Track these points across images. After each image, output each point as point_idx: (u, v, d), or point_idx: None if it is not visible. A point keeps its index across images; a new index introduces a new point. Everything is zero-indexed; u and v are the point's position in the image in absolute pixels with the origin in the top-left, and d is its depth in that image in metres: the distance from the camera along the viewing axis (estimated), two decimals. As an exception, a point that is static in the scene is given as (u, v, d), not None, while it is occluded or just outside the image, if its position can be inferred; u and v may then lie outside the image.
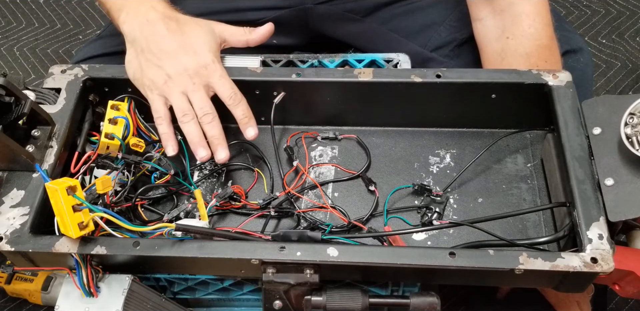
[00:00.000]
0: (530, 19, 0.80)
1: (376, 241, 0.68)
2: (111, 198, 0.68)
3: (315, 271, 0.61)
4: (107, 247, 0.61)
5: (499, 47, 0.82)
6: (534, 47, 0.80)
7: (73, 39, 1.55)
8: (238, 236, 0.63)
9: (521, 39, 0.80)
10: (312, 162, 0.79)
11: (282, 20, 0.98)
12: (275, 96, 0.74)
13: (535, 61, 0.80)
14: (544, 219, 0.73)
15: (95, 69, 0.74)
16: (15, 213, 0.63)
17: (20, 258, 0.63)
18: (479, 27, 0.86)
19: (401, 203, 0.75)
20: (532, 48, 0.80)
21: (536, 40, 0.80)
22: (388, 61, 0.88)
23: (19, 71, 1.49)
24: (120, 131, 0.70)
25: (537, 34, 0.80)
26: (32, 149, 0.67)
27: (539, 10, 0.80)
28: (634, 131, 0.60)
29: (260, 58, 0.86)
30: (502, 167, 0.77)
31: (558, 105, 0.69)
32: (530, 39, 0.80)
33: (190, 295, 0.74)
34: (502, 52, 0.82)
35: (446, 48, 0.95)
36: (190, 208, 0.72)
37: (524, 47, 0.80)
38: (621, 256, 0.61)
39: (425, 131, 0.80)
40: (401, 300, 0.63)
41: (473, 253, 0.59)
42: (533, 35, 0.80)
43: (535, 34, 0.80)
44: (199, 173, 0.78)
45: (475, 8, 0.85)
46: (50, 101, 0.72)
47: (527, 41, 0.80)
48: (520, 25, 0.81)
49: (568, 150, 0.66)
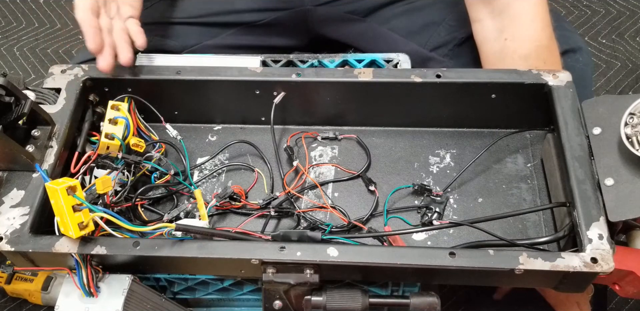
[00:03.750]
0: (528, 20, 0.80)
1: (376, 241, 0.68)
2: (111, 198, 0.68)
3: (315, 271, 0.61)
4: (107, 247, 0.61)
5: (497, 48, 0.82)
6: (533, 49, 0.80)
7: (73, 39, 1.55)
8: (238, 236, 0.63)
9: (520, 40, 0.80)
10: (312, 162, 0.79)
11: (281, 22, 0.99)
12: (275, 96, 0.74)
13: (534, 62, 0.79)
14: (544, 219, 0.73)
15: (95, 69, 0.74)
16: (15, 213, 0.63)
17: (20, 258, 0.63)
18: (477, 28, 0.86)
19: (401, 203, 0.75)
20: (530, 49, 0.80)
21: (535, 42, 0.80)
22: (388, 61, 0.88)
23: (19, 71, 1.49)
24: (120, 131, 0.70)
25: (536, 36, 0.80)
26: (32, 149, 0.67)
27: (537, 11, 0.80)
28: (634, 131, 0.60)
29: (260, 58, 0.86)
30: (502, 167, 0.77)
31: (558, 105, 0.69)
32: (529, 41, 0.80)
33: (190, 295, 0.74)
34: (500, 53, 0.82)
35: (445, 47, 0.95)
36: (190, 208, 0.72)
37: (523, 48, 0.80)
38: (621, 256, 0.61)
39: (425, 131, 0.80)
40: (401, 300, 0.63)
41: (473, 253, 0.59)
42: (532, 37, 0.80)
43: (534, 35, 0.80)
44: (199, 173, 0.78)
45: (473, 9, 0.85)
46: (50, 101, 0.72)
47: (526, 43, 0.80)
48: (519, 27, 0.80)
49: (568, 150, 0.66)
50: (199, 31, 0.99)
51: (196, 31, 0.99)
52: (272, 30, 1.00)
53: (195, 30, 0.99)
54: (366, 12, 0.98)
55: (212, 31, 0.99)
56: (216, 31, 0.99)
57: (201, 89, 0.75)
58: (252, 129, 0.81)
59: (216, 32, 0.99)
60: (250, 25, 0.99)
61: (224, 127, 0.82)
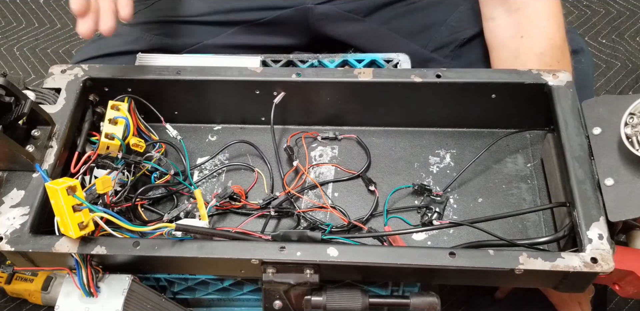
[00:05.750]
0: (545, 19, 0.80)
1: (376, 241, 0.68)
2: (111, 198, 0.68)
3: (315, 271, 0.61)
4: (107, 247, 0.61)
5: (512, 46, 0.82)
6: (548, 47, 0.80)
7: (73, 39, 1.55)
8: (238, 236, 0.63)
9: (536, 38, 0.80)
10: (312, 162, 0.79)
11: (282, 20, 0.99)
12: (275, 96, 0.74)
13: (549, 60, 0.79)
14: (544, 219, 0.73)
15: (95, 69, 0.74)
16: (15, 213, 0.63)
17: (20, 258, 0.63)
18: (491, 26, 0.85)
19: (401, 203, 0.75)
20: (546, 47, 0.80)
21: (550, 40, 0.80)
22: (388, 61, 0.88)
23: (19, 71, 1.48)
24: (120, 131, 0.70)
25: (552, 34, 0.80)
26: (32, 149, 0.67)
27: (553, 10, 0.80)
28: (634, 131, 0.60)
29: (260, 58, 0.86)
30: (502, 167, 0.77)
31: (558, 105, 0.69)
32: (544, 39, 0.80)
33: (190, 295, 0.74)
34: (515, 51, 0.82)
35: (447, 48, 0.95)
36: (190, 208, 0.72)
37: (539, 46, 0.80)
38: (621, 256, 0.61)
39: (425, 131, 0.80)
40: (401, 300, 0.63)
41: (473, 253, 0.59)
42: (547, 35, 0.80)
43: (550, 33, 0.80)
44: (199, 173, 0.78)
45: (488, 7, 0.85)
46: (50, 101, 0.72)
47: (542, 40, 0.80)
48: (536, 25, 0.80)
49: (568, 150, 0.66)
50: (199, 30, 0.99)
51: (196, 30, 0.99)
52: (272, 29, 1.00)
53: (195, 29, 0.99)
54: (367, 11, 0.98)
55: (213, 30, 0.99)
56: (216, 30, 0.99)
57: (201, 89, 0.75)
58: (252, 129, 0.81)
59: (216, 31, 0.99)
60: (250, 23, 0.99)
61: (224, 127, 0.82)
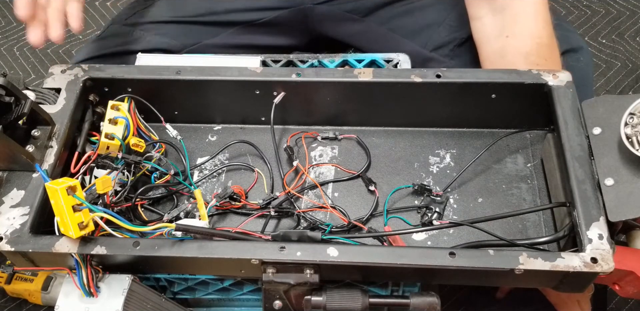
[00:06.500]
0: (530, 18, 0.80)
1: (376, 241, 0.68)
2: (111, 198, 0.68)
3: (315, 271, 0.61)
4: (107, 247, 0.61)
5: (498, 45, 0.82)
6: (534, 46, 0.80)
7: (73, 39, 1.55)
8: (238, 236, 0.63)
9: (521, 37, 0.80)
10: (312, 162, 0.79)
11: (281, 21, 0.99)
12: (275, 96, 0.74)
13: (535, 60, 0.79)
14: (544, 219, 0.73)
15: (95, 69, 0.74)
16: (15, 213, 0.63)
17: (20, 258, 0.63)
18: (477, 26, 0.85)
19: (401, 203, 0.75)
20: (532, 47, 0.80)
21: (536, 39, 0.80)
22: (388, 61, 0.88)
23: (19, 71, 1.48)
24: (120, 131, 0.70)
25: (538, 33, 0.80)
26: (32, 149, 0.67)
27: (538, 9, 0.80)
28: (634, 131, 0.60)
29: (260, 58, 0.86)
30: (502, 167, 0.77)
31: (558, 105, 0.69)
32: (530, 38, 0.80)
33: (190, 295, 0.74)
34: (501, 51, 0.82)
35: (446, 48, 0.95)
36: (190, 208, 0.72)
37: (524, 45, 0.80)
38: (621, 256, 0.61)
39: (425, 131, 0.80)
40: (401, 300, 0.63)
41: (473, 253, 0.59)
42: (533, 34, 0.80)
43: (536, 32, 0.80)
44: (199, 173, 0.78)
45: (474, 7, 0.85)
46: (50, 101, 0.72)
47: (527, 40, 0.80)
48: (521, 24, 0.80)
49: (568, 150, 0.66)
50: (198, 30, 0.99)
51: (196, 30, 0.99)
52: (272, 29, 1.00)
53: (194, 30, 0.99)
54: (366, 11, 0.98)
55: (212, 30, 0.99)
56: (216, 30, 0.99)
57: (201, 89, 0.75)
58: (252, 129, 0.81)
59: (216, 31, 0.99)
60: (250, 24, 0.99)
61: (224, 127, 0.82)
